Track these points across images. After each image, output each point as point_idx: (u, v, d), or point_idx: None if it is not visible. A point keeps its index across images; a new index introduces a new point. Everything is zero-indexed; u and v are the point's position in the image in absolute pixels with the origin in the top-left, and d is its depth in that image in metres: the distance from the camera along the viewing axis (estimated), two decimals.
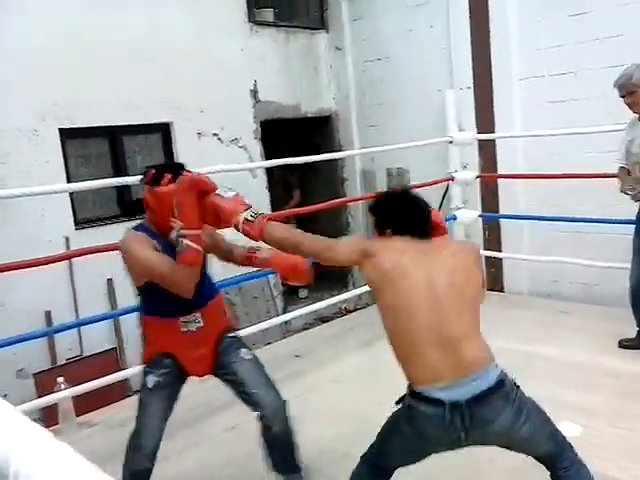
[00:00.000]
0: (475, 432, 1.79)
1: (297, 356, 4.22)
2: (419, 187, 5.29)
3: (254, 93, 5.55)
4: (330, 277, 6.32)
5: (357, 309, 5.77)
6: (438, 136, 5.24)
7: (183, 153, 5.12)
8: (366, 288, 4.89)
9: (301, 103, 6.00)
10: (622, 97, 3.55)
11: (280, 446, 2.40)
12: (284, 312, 5.40)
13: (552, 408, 2.01)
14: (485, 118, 5.32)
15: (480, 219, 5.33)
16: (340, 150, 6.32)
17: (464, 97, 5.40)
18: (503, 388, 1.79)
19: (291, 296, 6.06)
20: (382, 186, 6.09)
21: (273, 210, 5.49)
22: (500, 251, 5.35)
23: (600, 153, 4.58)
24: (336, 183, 6.42)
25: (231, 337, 2.40)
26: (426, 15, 5.60)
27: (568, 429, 2.83)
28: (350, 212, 6.46)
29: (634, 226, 3.67)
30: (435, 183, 5.08)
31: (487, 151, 5.34)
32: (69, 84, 4.50)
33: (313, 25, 6.26)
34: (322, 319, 5.53)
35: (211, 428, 3.28)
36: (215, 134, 5.28)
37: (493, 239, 5.41)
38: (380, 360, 4.00)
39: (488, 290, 5.45)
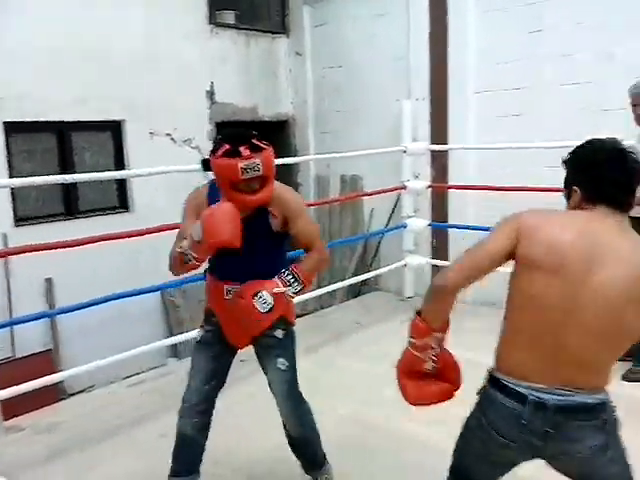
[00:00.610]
0: (555, 446, 1.54)
1: (242, 361, 4.16)
2: (371, 195, 5.37)
3: (210, 94, 5.50)
4: None
5: (304, 314, 5.75)
6: (393, 145, 5.28)
7: (134, 151, 5.03)
8: (315, 293, 4.90)
9: (258, 106, 5.98)
10: (634, 105, 3.53)
11: (299, 449, 2.52)
12: None
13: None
14: (439, 129, 5.38)
15: (429, 228, 5.39)
16: (295, 155, 6.31)
17: (420, 108, 5.45)
18: (601, 413, 1.54)
19: None
20: (335, 193, 6.12)
21: None
22: (447, 260, 5.40)
23: (550, 168, 4.67)
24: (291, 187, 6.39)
25: (275, 336, 2.33)
26: (386, 25, 5.64)
27: None
28: None
29: None
30: (387, 191, 5.12)
31: (439, 162, 5.40)
32: (17, 78, 4.38)
33: (274, 29, 6.25)
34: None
35: (142, 434, 3.20)
36: (168, 134, 5.20)
37: (441, 248, 5.47)
38: (326, 366, 4.02)
39: None
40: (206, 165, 2.18)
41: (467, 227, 5.16)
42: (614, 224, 1.54)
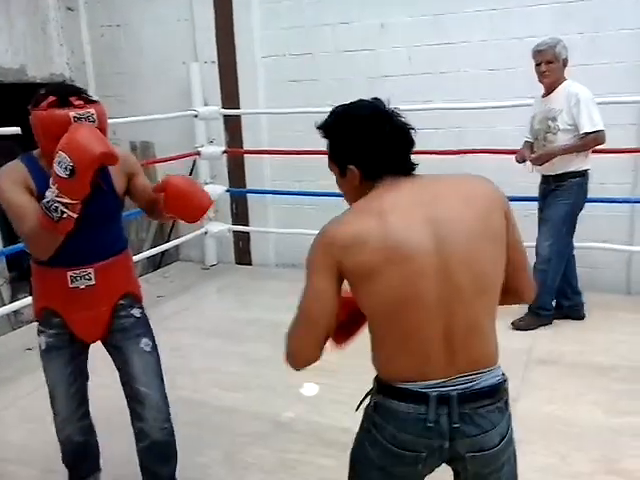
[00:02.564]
0: (463, 443, 1.36)
1: (29, 349, 3.78)
2: (165, 161, 5.15)
3: None
4: None
5: None
6: (183, 110, 5.10)
7: None
8: None
9: (27, 67, 5.32)
10: (538, 65, 3.60)
11: (154, 457, 2.16)
12: (12, 301, 4.79)
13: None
14: (230, 93, 5.31)
15: (228, 194, 5.36)
16: None
17: (209, 71, 5.32)
18: (504, 394, 1.41)
19: (21, 282, 5.39)
20: None
21: None
22: (248, 225, 5.45)
23: None
24: None
25: (133, 315, 2.09)
26: None
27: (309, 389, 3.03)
28: None
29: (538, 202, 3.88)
30: (181, 157, 4.96)
31: (233, 126, 5.35)
32: None
33: None
34: None
35: None
36: None
37: (241, 213, 5.49)
38: None
39: (238, 264, 5.57)
40: (27, 120, 1.84)
41: (265, 192, 5.24)
42: (416, 184, 1.40)
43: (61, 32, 5.67)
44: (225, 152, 5.23)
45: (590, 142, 3.52)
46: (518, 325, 3.80)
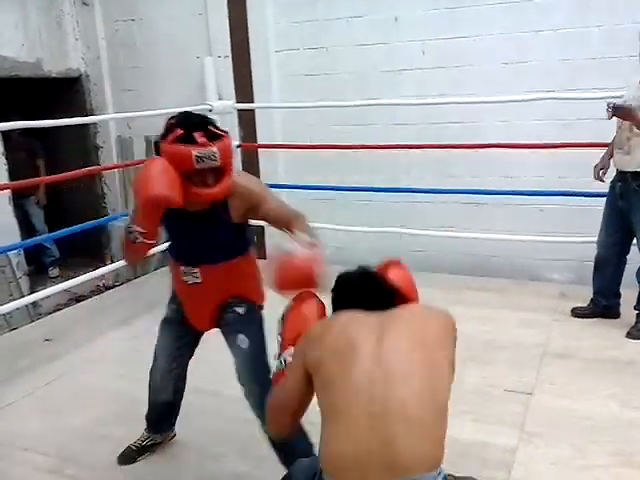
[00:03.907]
0: None
1: (48, 340, 3.83)
2: None
3: None
4: (85, 252, 5.87)
5: (116, 285, 5.45)
6: (198, 104, 5.11)
7: None
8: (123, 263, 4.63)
9: (43, 61, 5.37)
10: None
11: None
12: (31, 294, 4.85)
13: None
14: (244, 88, 5.32)
15: None
16: (92, 115, 5.82)
17: (223, 65, 5.33)
18: None
19: (40, 276, 5.47)
20: (141, 154, 5.79)
21: (13, 179, 4.86)
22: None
23: (353, 126, 4.92)
24: (89, 151, 5.90)
25: (237, 312, 2.21)
26: None
27: None
28: (105, 182, 6.01)
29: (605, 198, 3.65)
30: None
31: (247, 121, 5.36)
32: None
33: None
34: (77, 299, 5.09)
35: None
36: None
37: None
38: (141, 337, 3.85)
39: None
40: (158, 149, 1.94)
41: (279, 186, 5.24)
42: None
43: (76, 27, 5.71)
44: (239, 146, 5.24)
45: None
46: (636, 334, 3.54)
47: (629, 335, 3.58)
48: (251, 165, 5.41)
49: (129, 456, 2.54)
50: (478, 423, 2.77)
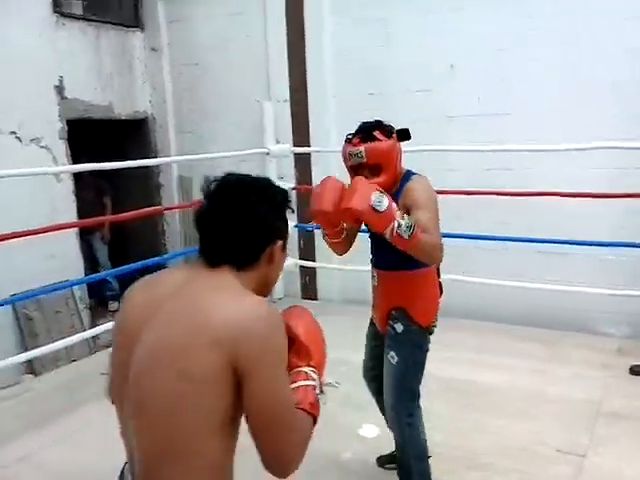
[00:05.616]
0: None
1: (103, 374, 3.97)
2: None
3: (60, 90, 5.12)
4: None
5: None
6: (256, 147, 5.29)
7: None
8: None
9: (113, 104, 5.68)
10: None
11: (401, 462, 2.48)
12: (92, 327, 5.05)
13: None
14: (301, 131, 5.48)
15: (296, 229, 5.48)
16: (156, 156, 6.10)
17: (281, 110, 5.51)
18: None
19: (100, 309, 5.69)
20: (200, 194, 6.00)
21: (81, 217, 5.13)
22: (314, 260, 5.54)
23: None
24: (151, 190, 6.17)
25: (395, 328, 2.36)
26: (243, 24, 5.61)
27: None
28: (166, 220, 6.25)
29: None
30: None
31: (303, 164, 5.50)
32: None
33: (127, 22, 5.95)
34: None
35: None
36: (13, 132, 4.78)
37: (308, 249, 5.59)
38: None
39: (303, 298, 5.65)
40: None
41: None
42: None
43: (145, 71, 6.03)
44: (294, 189, 5.37)
45: None
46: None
47: (631, 371, 3.54)
48: (305, 207, 5.51)
49: None
50: None
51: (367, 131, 2.26)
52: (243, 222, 1.28)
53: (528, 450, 2.97)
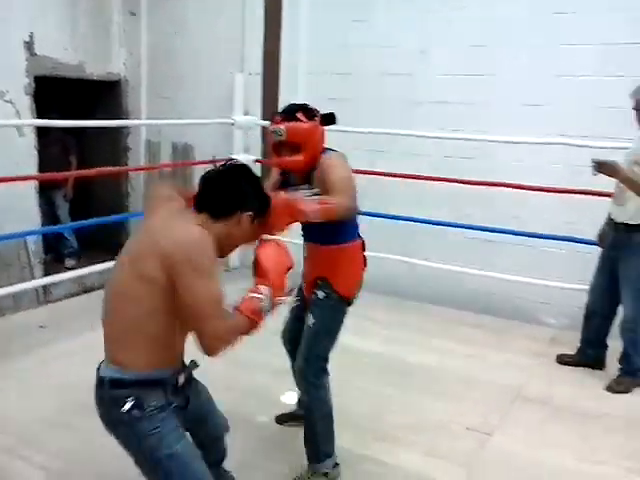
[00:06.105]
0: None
1: (42, 327, 4.03)
2: (199, 164, 5.39)
3: (29, 46, 5.11)
4: (104, 247, 6.07)
5: None
6: (227, 116, 5.32)
7: None
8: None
9: (85, 64, 5.68)
10: (636, 110, 3.39)
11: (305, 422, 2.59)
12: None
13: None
14: (270, 106, 5.48)
15: None
16: (127, 118, 6.11)
17: (253, 82, 5.53)
18: (105, 390, 1.78)
19: (56, 266, 5.72)
20: (167, 159, 6.04)
21: (42, 172, 5.15)
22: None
23: (372, 152, 5.02)
24: (119, 152, 6.18)
25: (317, 295, 2.49)
26: None
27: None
28: (131, 183, 6.27)
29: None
30: (213, 162, 5.13)
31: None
32: None
33: None
34: (87, 290, 5.29)
35: None
36: None
37: None
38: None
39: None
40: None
41: None
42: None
43: (122, 34, 6.02)
44: (257, 161, 5.40)
45: None
46: (616, 389, 3.52)
47: (609, 389, 3.54)
48: (264, 179, 5.56)
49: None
50: (428, 456, 2.80)
51: (290, 112, 2.37)
52: (227, 185, 1.82)
53: (439, 427, 3.05)
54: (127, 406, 1.70)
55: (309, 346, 2.48)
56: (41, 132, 5.35)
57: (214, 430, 2.09)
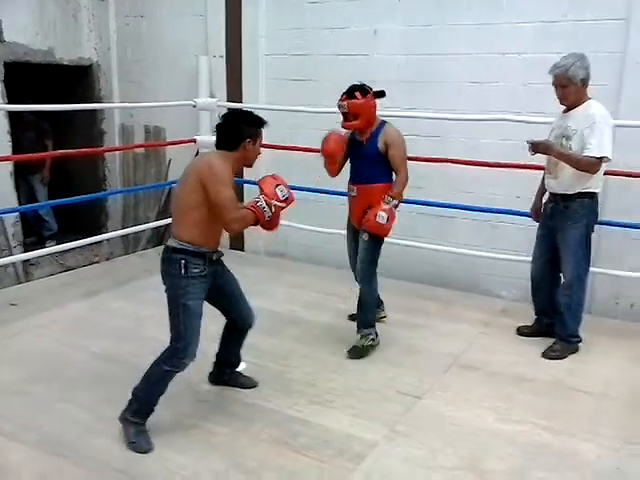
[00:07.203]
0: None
1: (13, 304, 4.25)
2: (166, 145, 5.55)
3: None
4: (83, 229, 6.29)
5: (109, 259, 5.87)
6: (187, 99, 5.47)
7: None
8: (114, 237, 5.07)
9: (55, 49, 5.83)
10: (554, 86, 3.51)
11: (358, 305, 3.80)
12: (23, 263, 5.32)
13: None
14: (234, 88, 5.64)
15: None
16: (100, 102, 6.26)
17: (217, 65, 5.67)
18: (168, 254, 2.70)
19: (37, 248, 5.92)
20: (140, 141, 6.21)
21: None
22: None
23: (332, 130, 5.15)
24: (94, 136, 6.36)
25: (362, 237, 3.63)
26: None
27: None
28: (107, 166, 6.46)
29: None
30: (179, 143, 5.34)
31: None
32: None
33: None
34: (68, 270, 5.52)
35: None
36: None
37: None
38: (98, 310, 4.24)
39: (231, 249, 5.92)
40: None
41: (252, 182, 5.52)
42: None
43: (92, 19, 6.15)
44: None
45: (586, 164, 3.37)
46: (550, 355, 3.70)
47: (544, 355, 3.73)
48: None
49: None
50: (356, 418, 3.00)
51: (350, 92, 3.49)
52: (230, 127, 2.73)
53: (373, 391, 3.26)
54: (177, 265, 2.65)
55: (366, 254, 3.63)
56: (15, 118, 5.52)
57: (241, 314, 3.01)
